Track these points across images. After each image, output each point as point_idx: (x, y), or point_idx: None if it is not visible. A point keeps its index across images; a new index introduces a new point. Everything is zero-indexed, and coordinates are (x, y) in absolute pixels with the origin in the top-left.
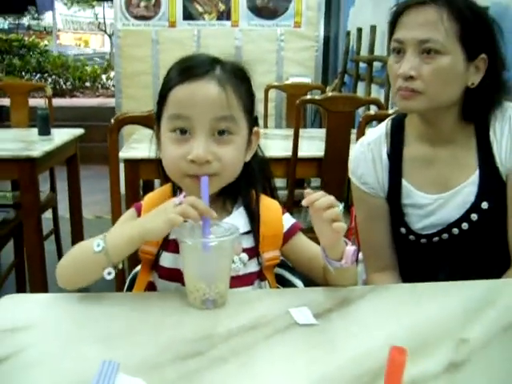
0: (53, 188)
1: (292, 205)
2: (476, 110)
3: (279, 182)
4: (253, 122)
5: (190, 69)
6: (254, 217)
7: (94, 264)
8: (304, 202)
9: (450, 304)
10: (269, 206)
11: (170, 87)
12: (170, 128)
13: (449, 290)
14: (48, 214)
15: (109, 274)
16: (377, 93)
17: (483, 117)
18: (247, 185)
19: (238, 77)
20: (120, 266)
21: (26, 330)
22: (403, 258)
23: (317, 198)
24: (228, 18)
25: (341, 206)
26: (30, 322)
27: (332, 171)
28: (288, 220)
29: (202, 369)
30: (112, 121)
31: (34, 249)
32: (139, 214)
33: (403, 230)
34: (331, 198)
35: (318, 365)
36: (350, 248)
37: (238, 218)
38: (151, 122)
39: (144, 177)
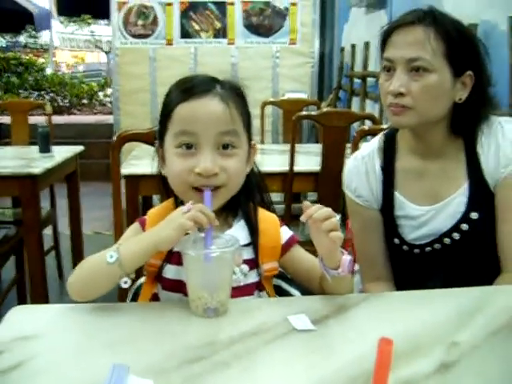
0: (53, 204)
1: (289, 219)
2: (464, 125)
3: (276, 197)
4: (250, 137)
5: (192, 87)
6: (253, 229)
7: (108, 275)
8: (303, 218)
9: (442, 310)
10: (267, 218)
11: (174, 106)
12: (176, 144)
13: (441, 296)
14: (48, 231)
15: (125, 282)
16: (371, 108)
17: (471, 131)
18: (246, 198)
19: (237, 94)
20: (133, 276)
21: (35, 340)
22: (397, 268)
23: (315, 211)
24: (224, 35)
25: (337, 217)
26: (38, 331)
27: (328, 185)
28: (286, 232)
29: (206, 373)
30: (114, 138)
31: (35, 264)
32: (143, 228)
33: (397, 240)
34: (328, 210)
35: (317, 368)
36: (347, 257)
37: (238, 231)
38: (152, 139)
39: (144, 193)
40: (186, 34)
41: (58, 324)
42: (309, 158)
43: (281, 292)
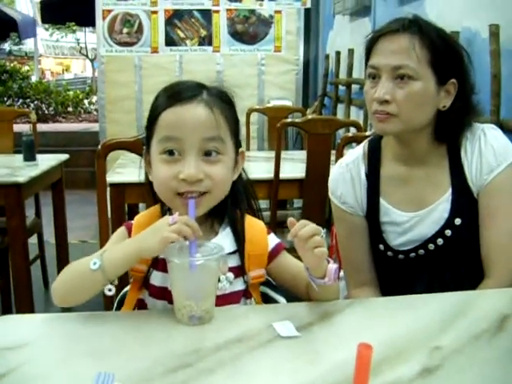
0: (38, 213)
1: (275, 225)
2: (448, 132)
3: (262, 204)
4: (238, 144)
5: (178, 93)
6: (239, 237)
7: (91, 282)
8: (289, 237)
9: (425, 315)
10: (254, 225)
11: (160, 112)
12: (161, 150)
13: (424, 301)
14: (33, 239)
15: (109, 290)
16: (356, 114)
17: (455, 138)
18: (233, 206)
19: (223, 101)
20: (116, 283)
21: (22, 348)
22: (382, 274)
23: (300, 229)
24: (209, 43)
25: (322, 232)
26: (25, 340)
27: (313, 192)
28: (273, 240)
29: (191, 380)
30: (99, 147)
31: (20, 273)
32: (130, 233)
33: (382, 246)
34: (313, 227)
35: (300, 374)
36: (332, 266)
37: (224, 239)
38: (138, 147)
39: (129, 201)
40: (171, 41)
41: (43, 334)
42: (294, 165)
43: (267, 299)
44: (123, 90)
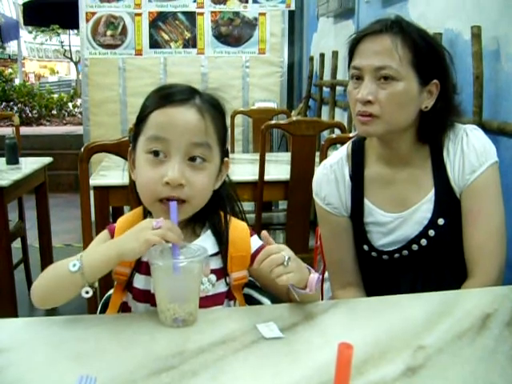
0: (21, 217)
1: (260, 227)
2: (430, 132)
3: (247, 206)
4: (224, 153)
5: (171, 95)
6: (221, 239)
7: (70, 284)
8: (255, 265)
9: (410, 315)
10: (237, 227)
11: (150, 111)
12: (147, 149)
13: (408, 301)
14: (17, 244)
15: (87, 292)
16: (340, 116)
17: (437, 138)
18: (215, 209)
19: (215, 108)
20: (96, 285)
21: (3, 353)
22: (367, 274)
23: (262, 260)
24: (194, 45)
25: (286, 258)
26: (6, 345)
27: (298, 193)
28: (256, 241)
29: (175, 382)
30: (82, 150)
31: (3, 278)
32: (112, 236)
33: (366, 247)
34: (273, 259)
35: (284, 375)
36: (314, 276)
37: (206, 241)
38: (121, 149)
39: (113, 204)
40: (155, 44)
41: (25, 337)
42: (279, 167)
43: (251, 301)
44: (107, 92)
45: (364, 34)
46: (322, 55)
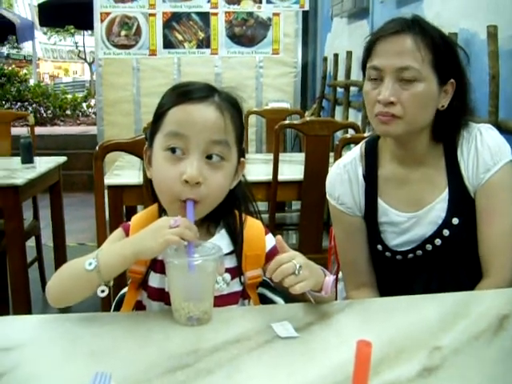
0: (36, 216)
1: (274, 227)
2: (445, 131)
3: (260, 206)
4: (241, 152)
5: (189, 92)
6: (236, 238)
7: (86, 282)
8: (267, 274)
9: (425, 315)
10: (252, 226)
11: (168, 107)
12: (164, 146)
13: (423, 301)
14: (31, 242)
15: (102, 291)
16: (354, 116)
17: (451, 137)
18: (229, 208)
19: (233, 106)
20: (111, 284)
21: (18, 350)
22: (380, 274)
23: (274, 269)
24: (207, 45)
25: (297, 267)
26: (21, 341)
27: (311, 193)
28: (271, 240)
29: (189, 380)
30: (97, 148)
31: (18, 276)
32: (127, 235)
33: (380, 247)
34: (283, 269)
35: (299, 375)
36: (330, 279)
37: (220, 240)
38: (136, 148)
39: (127, 203)
40: (169, 44)
41: (40, 335)
42: (293, 167)
43: (265, 300)
44: (121, 92)
45: (383, 34)
46: (336, 55)
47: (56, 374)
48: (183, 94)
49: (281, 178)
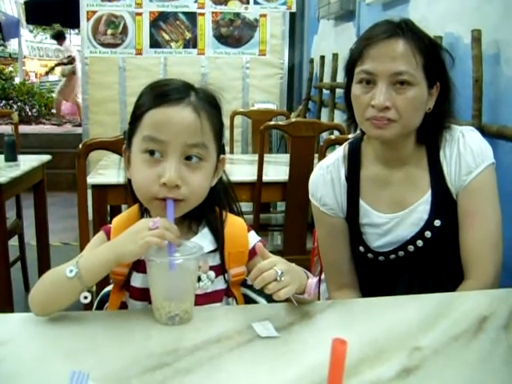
0: (19, 214)
1: (258, 228)
2: (428, 133)
3: (245, 207)
4: (220, 149)
5: (166, 93)
6: (218, 235)
7: (68, 289)
8: (249, 281)
9: (405, 315)
10: (234, 223)
11: (146, 109)
12: (142, 149)
13: (404, 302)
14: (14, 241)
15: (85, 297)
16: (340, 118)
17: (434, 139)
18: (211, 206)
19: (211, 105)
20: (93, 289)
21: None
22: (363, 276)
23: (255, 277)
24: (194, 46)
25: (279, 273)
26: (1, 339)
27: (296, 195)
28: (253, 237)
29: (168, 379)
30: (80, 146)
31: (0, 275)
32: (108, 238)
33: (362, 248)
34: (264, 276)
35: (278, 374)
36: (312, 281)
37: (203, 238)
38: (119, 147)
39: (111, 202)
40: (155, 43)
41: (20, 333)
42: (278, 168)
43: (248, 301)
44: (107, 91)
45: (374, 38)
46: (323, 57)
47: (34, 373)
48: (160, 95)
49: (265, 178)
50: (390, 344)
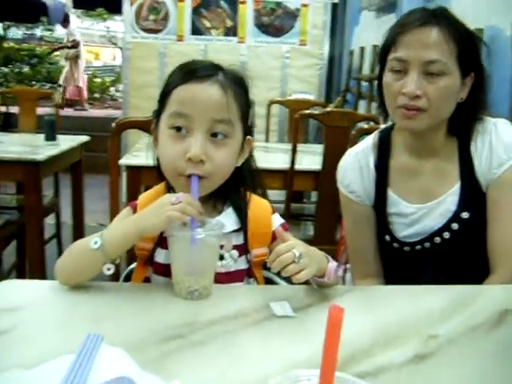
0: (57, 193)
1: (289, 217)
2: (460, 125)
3: (278, 196)
4: (247, 130)
5: (194, 71)
6: (242, 215)
7: (92, 261)
8: (268, 264)
9: (425, 304)
10: (259, 204)
11: (174, 86)
12: (169, 125)
13: (425, 292)
14: (51, 220)
15: (108, 269)
16: (377, 111)
17: (466, 131)
18: (237, 187)
19: (238, 84)
20: (118, 261)
21: (19, 311)
22: (387, 265)
23: (274, 260)
24: (234, 34)
25: (297, 255)
26: (24, 304)
27: (328, 184)
28: (277, 219)
29: (183, 349)
30: (113, 124)
31: (35, 251)
32: (135, 212)
33: (388, 237)
34: (282, 259)
35: (290, 352)
36: (332, 265)
37: (227, 217)
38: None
39: (146, 183)
40: (196, 30)
41: (44, 298)
42: (312, 158)
43: (270, 284)
44: (147, 76)
45: (409, 25)
46: (362, 49)
47: (53, 336)
48: (188, 72)
49: (298, 167)
50: (406, 331)
